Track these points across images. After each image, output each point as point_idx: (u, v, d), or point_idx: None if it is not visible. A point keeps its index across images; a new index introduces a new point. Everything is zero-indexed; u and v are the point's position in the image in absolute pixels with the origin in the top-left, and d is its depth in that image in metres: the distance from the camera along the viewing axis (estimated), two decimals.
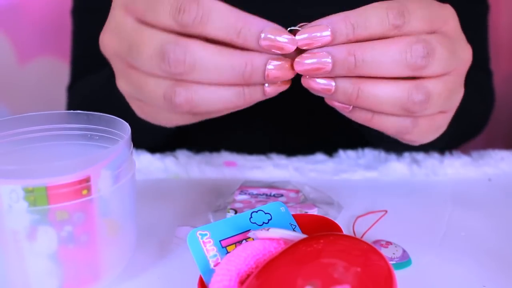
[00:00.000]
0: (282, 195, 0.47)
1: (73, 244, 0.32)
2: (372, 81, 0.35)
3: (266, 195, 0.47)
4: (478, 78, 0.63)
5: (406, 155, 0.58)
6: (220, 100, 0.35)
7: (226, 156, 0.59)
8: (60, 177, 0.30)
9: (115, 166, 0.33)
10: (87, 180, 0.31)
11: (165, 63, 0.33)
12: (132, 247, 0.38)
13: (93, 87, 0.61)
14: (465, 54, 0.38)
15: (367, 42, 0.34)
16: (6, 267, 0.32)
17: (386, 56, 0.34)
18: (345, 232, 0.35)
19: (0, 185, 0.30)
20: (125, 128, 0.36)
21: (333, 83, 0.35)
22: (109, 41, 0.37)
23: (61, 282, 0.33)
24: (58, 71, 0.89)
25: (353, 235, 0.43)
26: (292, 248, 0.30)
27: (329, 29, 0.34)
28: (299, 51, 0.34)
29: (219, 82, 0.34)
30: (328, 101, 0.38)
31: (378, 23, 0.34)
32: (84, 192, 0.31)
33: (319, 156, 0.59)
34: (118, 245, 0.36)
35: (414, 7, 0.35)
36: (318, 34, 0.34)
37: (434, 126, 0.40)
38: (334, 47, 0.34)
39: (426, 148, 0.61)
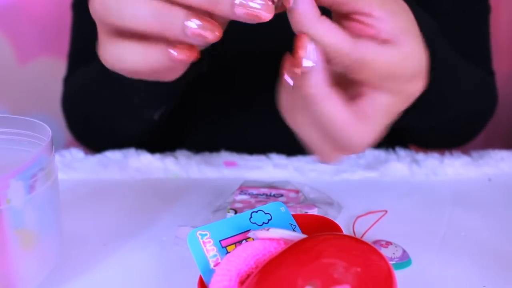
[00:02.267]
0: (282, 195, 0.47)
1: None
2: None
3: (266, 195, 0.47)
4: (479, 77, 0.63)
5: (406, 155, 0.58)
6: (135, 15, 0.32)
7: (226, 156, 0.59)
8: None
9: (28, 175, 0.31)
10: (6, 186, 0.30)
11: None
12: (53, 259, 0.36)
13: (86, 76, 0.61)
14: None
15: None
16: None
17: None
18: (345, 232, 0.35)
19: None
20: (46, 133, 0.34)
21: None
22: None
23: None
24: (58, 71, 0.89)
25: (353, 235, 0.43)
26: (292, 248, 0.30)
27: None
28: None
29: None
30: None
31: None
32: (7, 201, 0.30)
33: None
34: (35, 257, 0.34)
35: None
36: None
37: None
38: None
39: (425, 143, 0.61)
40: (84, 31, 0.68)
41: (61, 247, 0.37)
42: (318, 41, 0.33)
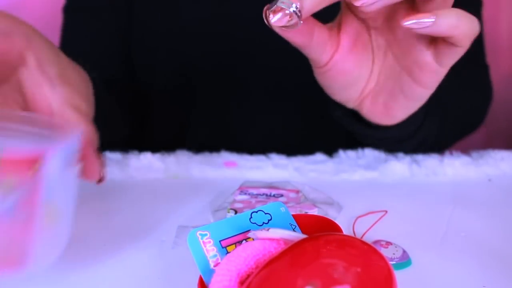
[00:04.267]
0: (282, 195, 0.47)
1: (10, 218, 0.31)
2: None
3: (266, 195, 0.47)
4: (472, 73, 0.63)
5: (406, 155, 0.58)
6: None
7: (226, 156, 0.59)
8: (15, 149, 0.31)
9: (67, 155, 0.33)
10: (39, 159, 0.32)
11: None
12: (63, 242, 0.37)
13: None
14: None
15: None
16: None
17: None
18: (345, 232, 0.35)
19: None
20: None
21: None
22: None
23: None
24: None
25: (353, 235, 0.43)
26: (292, 248, 0.30)
27: None
28: None
29: None
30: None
31: None
32: (34, 170, 0.31)
33: (319, 156, 0.59)
34: (53, 233, 0.35)
35: None
36: None
37: None
38: None
39: (419, 142, 0.61)
40: (74, 36, 0.68)
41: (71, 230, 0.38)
42: None
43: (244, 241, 0.34)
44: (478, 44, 0.66)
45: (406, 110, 0.45)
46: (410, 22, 0.35)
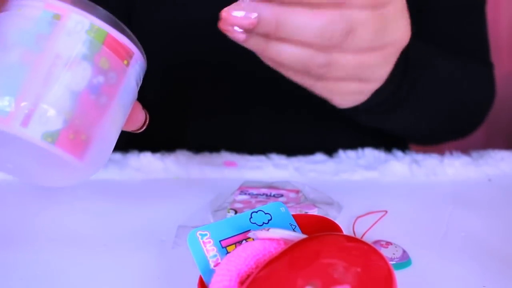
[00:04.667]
0: (282, 195, 0.47)
1: (95, 97, 0.32)
2: (292, 11, 0.35)
3: (266, 195, 0.47)
4: (475, 69, 0.63)
5: (406, 155, 0.58)
6: None
7: (226, 156, 0.59)
8: (120, 34, 0.33)
9: (142, 68, 0.35)
10: (132, 54, 0.34)
11: None
12: (110, 148, 0.36)
13: None
14: (398, 35, 0.39)
15: (295, 7, 0.35)
16: (30, 77, 0.30)
17: (307, 27, 0.35)
18: (345, 232, 0.35)
19: (75, 13, 0.31)
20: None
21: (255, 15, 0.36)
22: None
23: (64, 125, 0.31)
24: None
25: (353, 235, 0.43)
26: (292, 249, 0.30)
27: None
28: None
29: None
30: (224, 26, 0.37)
31: None
32: (125, 62, 0.33)
33: (319, 156, 0.59)
34: (113, 136, 0.35)
35: None
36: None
37: (364, 65, 0.40)
38: (263, 5, 0.35)
39: (425, 141, 0.61)
40: None
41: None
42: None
43: (244, 241, 0.34)
44: (481, 41, 0.66)
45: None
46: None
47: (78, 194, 0.50)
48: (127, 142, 0.62)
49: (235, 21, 0.35)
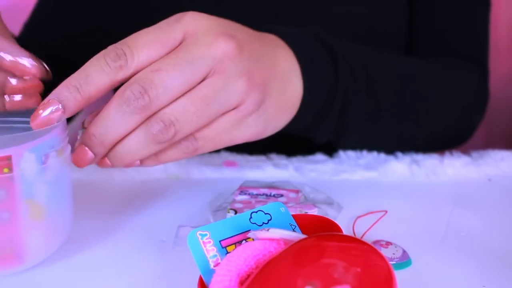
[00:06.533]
0: (282, 195, 0.47)
1: None
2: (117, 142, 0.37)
3: (266, 195, 0.47)
4: (468, 75, 0.62)
5: (406, 155, 0.58)
6: None
7: (226, 156, 0.59)
8: None
9: (42, 149, 0.34)
10: (8, 158, 0.32)
11: None
12: (62, 234, 0.38)
13: None
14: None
15: (100, 113, 0.37)
16: None
17: (110, 120, 0.36)
18: (345, 232, 0.35)
19: None
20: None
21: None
22: None
23: None
24: None
25: (353, 235, 0.43)
26: (292, 249, 0.30)
27: (58, 102, 0.35)
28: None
29: None
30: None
31: (99, 72, 0.35)
32: (5, 170, 0.32)
33: (319, 156, 0.59)
34: (43, 229, 0.35)
35: (136, 38, 0.36)
36: (51, 110, 0.35)
37: (231, 129, 0.41)
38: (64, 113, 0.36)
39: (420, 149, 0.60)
40: (45, 10, 0.71)
41: (71, 224, 0.39)
42: None
43: (244, 241, 0.34)
44: (481, 48, 0.66)
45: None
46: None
47: (79, 194, 0.50)
48: None
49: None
